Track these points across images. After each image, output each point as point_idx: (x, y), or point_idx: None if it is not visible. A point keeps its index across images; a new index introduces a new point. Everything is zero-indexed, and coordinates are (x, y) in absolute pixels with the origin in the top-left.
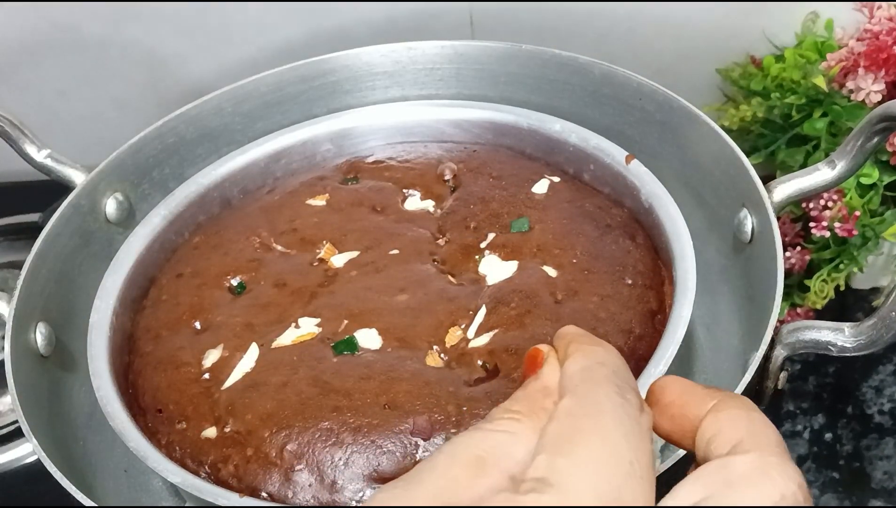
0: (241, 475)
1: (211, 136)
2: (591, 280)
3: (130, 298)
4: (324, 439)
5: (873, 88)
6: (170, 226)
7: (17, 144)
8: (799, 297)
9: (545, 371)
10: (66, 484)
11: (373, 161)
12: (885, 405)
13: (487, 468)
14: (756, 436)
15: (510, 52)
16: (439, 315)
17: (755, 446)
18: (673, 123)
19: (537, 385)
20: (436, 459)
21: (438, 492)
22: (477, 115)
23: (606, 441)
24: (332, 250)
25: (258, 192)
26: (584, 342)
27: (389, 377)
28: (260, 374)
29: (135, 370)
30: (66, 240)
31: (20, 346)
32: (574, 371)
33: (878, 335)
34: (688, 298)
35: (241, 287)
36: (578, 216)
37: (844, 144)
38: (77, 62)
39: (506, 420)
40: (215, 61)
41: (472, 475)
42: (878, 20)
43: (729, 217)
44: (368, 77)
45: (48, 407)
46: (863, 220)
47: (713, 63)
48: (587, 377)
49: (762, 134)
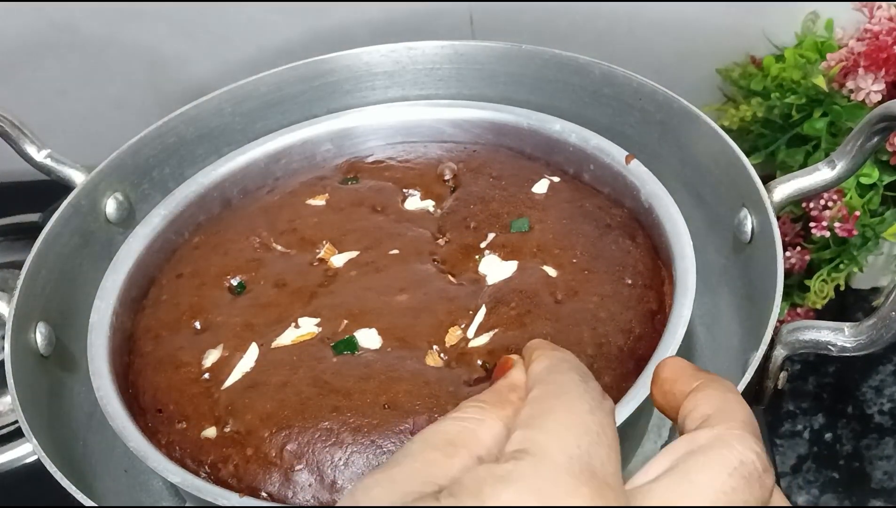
0: (241, 475)
1: (211, 136)
2: (591, 280)
3: (130, 298)
4: (324, 439)
5: (873, 88)
6: (170, 226)
7: (17, 144)
8: (799, 297)
9: (513, 372)
10: (66, 484)
11: (373, 161)
12: (885, 405)
13: (458, 450)
14: (724, 413)
15: (510, 53)
16: (439, 315)
17: (721, 421)
18: (673, 123)
19: (504, 382)
20: (411, 446)
21: (415, 473)
22: (477, 115)
23: (573, 413)
24: (331, 250)
25: (258, 192)
26: (547, 349)
27: (389, 377)
28: (260, 374)
29: (135, 370)
30: (66, 240)
31: (20, 346)
32: (540, 369)
33: (878, 335)
34: (688, 298)
35: (241, 287)
36: (578, 216)
37: (844, 144)
38: (77, 62)
39: (472, 408)
40: (215, 61)
41: (445, 455)
42: (878, 20)
43: (729, 217)
44: (368, 77)
45: (48, 407)
46: (863, 220)
47: (713, 63)
48: (552, 370)
49: (762, 134)
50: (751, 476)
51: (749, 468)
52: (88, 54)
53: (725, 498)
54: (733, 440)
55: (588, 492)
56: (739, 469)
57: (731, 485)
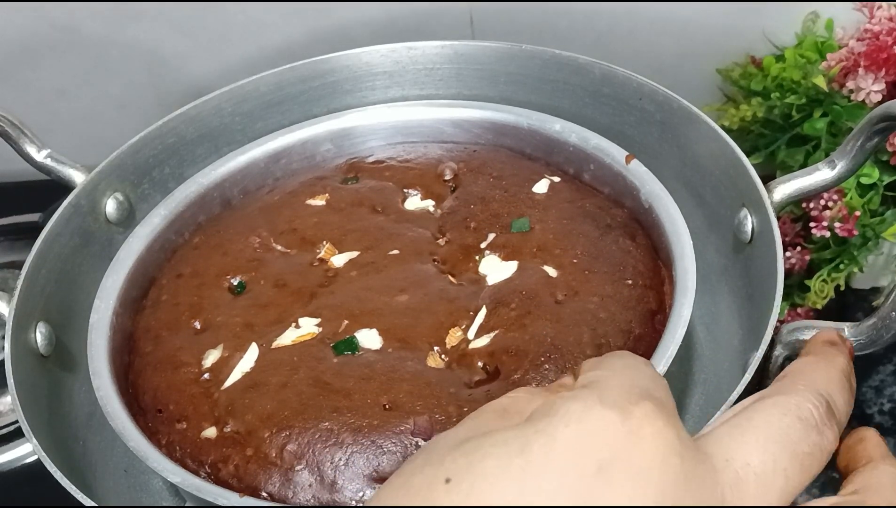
0: (241, 475)
1: (211, 136)
2: (591, 280)
3: (130, 298)
4: (324, 439)
5: (873, 88)
6: (170, 226)
7: (17, 144)
8: (799, 297)
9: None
10: (66, 484)
11: (373, 161)
12: (885, 405)
13: (510, 414)
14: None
15: (510, 52)
16: (440, 316)
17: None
18: (673, 123)
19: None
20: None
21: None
22: (477, 115)
23: (630, 361)
24: (332, 250)
25: (258, 192)
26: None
27: (390, 378)
28: (260, 374)
29: (135, 370)
30: (66, 240)
31: (20, 346)
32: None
33: (878, 335)
34: (688, 298)
35: (241, 287)
36: (579, 216)
37: (844, 144)
38: (77, 62)
39: (523, 390)
40: (215, 61)
41: (498, 417)
42: (878, 20)
43: (729, 217)
44: (368, 77)
45: (48, 407)
46: (863, 220)
47: (713, 63)
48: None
49: (762, 134)
50: (807, 420)
51: (805, 412)
52: (88, 54)
53: (778, 435)
54: (794, 391)
55: (651, 406)
56: (795, 411)
57: (787, 422)
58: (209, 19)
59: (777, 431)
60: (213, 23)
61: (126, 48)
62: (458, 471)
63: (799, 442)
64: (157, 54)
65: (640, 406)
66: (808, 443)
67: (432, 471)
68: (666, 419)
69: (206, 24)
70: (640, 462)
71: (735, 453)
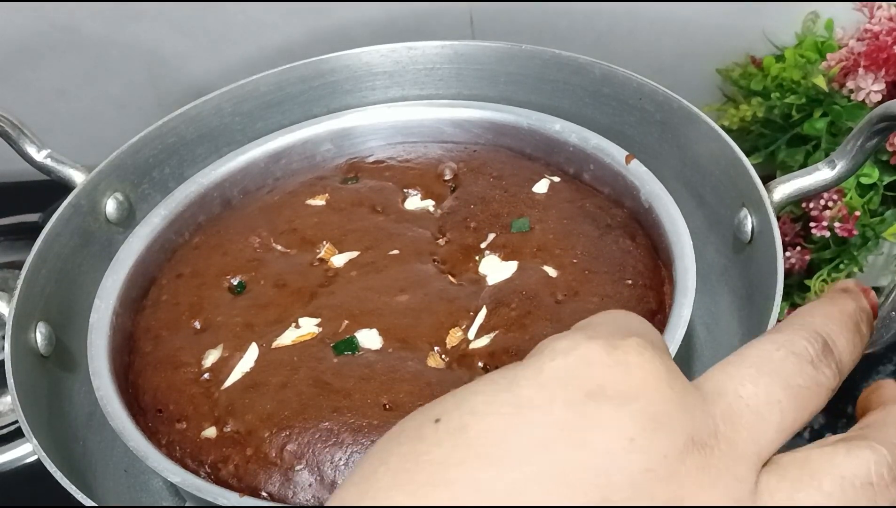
0: (241, 475)
1: (211, 136)
2: (591, 280)
3: (130, 298)
4: (324, 439)
5: (873, 88)
6: (170, 226)
7: (17, 144)
8: (799, 297)
9: None
10: (66, 484)
11: (373, 161)
12: None
13: None
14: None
15: (510, 52)
16: (440, 316)
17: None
18: (673, 123)
19: None
20: None
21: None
22: (477, 115)
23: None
24: (332, 250)
25: (258, 192)
26: None
27: (390, 378)
28: (260, 374)
29: (135, 370)
30: (66, 240)
31: (20, 346)
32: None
33: (877, 334)
34: (688, 298)
35: (241, 287)
36: (579, 216)
37: (844, 144)
38: (77, 62)
39: None
40: (215, 61)
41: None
42: (878, 20)
43: (729, 217)
44: (368, 77)
45: (48, 407)
46: (863, 220)
47: (713, 63)
48: None
49: (762, 134)
50: (801, 354)
51: (798, 347)
52: (88, 54)
53: (770, 367)
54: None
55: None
56: (788, 346)
57: (780, 356)
58: (209, 19)
59: (769, 364)
60: (213, 23)
61: (126, 48)
62: (446, 411)
63: (793, 375)
64: (157, 54)
65: (627, 341)
66: (802, 377)
67: (422, 416)
68: (654, 351)
69: (206, 24)
70: (627, 390)
71: (726, 385)
